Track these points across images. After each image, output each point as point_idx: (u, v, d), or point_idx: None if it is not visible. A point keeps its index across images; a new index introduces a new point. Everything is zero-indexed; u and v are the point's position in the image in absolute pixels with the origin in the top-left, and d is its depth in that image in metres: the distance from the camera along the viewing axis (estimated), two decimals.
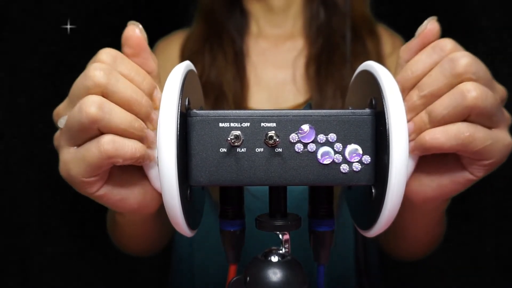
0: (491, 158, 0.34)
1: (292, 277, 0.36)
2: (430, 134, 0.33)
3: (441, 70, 0.33)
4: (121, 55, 0.35)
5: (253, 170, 0.33)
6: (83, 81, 0.33)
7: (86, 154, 0.33)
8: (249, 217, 0.40)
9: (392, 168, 0.31)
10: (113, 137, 0.32)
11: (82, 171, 0.33)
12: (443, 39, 0.35)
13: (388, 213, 0.33)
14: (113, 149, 0.32)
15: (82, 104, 0.32)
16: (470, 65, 0.33)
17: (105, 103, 0.32)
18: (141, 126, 0.33)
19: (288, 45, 0.72)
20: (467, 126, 0.33)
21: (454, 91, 0.33)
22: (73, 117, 0.32)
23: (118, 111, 0.32)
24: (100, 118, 0.32)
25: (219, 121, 0.33)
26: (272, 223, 0.37)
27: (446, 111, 0.33)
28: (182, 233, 0.35)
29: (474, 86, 0.32)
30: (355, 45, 0.69)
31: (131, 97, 0.33)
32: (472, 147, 0.33)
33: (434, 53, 0.35)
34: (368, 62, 0.37)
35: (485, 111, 0.33)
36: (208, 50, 0.71)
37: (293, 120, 0.33)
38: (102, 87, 0.32)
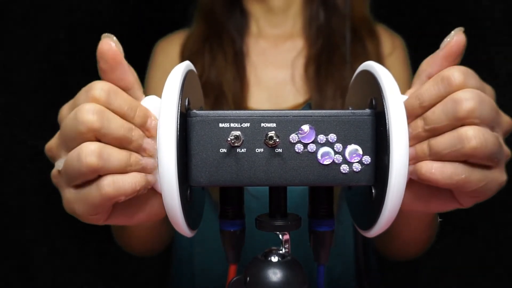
0: (483, 196, 0.34)
1: (292, 277, 0.36)
2: (426, 168, 0.33)
3: (444, 110, 0.33)
4: (114, 89, 0.33)
5: (253, 170, 0.33)
6: (76, 124, 0.32)
7: (88, 196, 0.33)
8: (249, 217, 0.40)
9: (392, 168, 0.31)
10: (112, 178, 0.32)
11: (86, 211, 0.33)
12: (454, 69, 0.33)
13: (388, 213, 0.33)
14: (114, 190, 0.32)
15: (81, 154, 0.31)
16: (474, 110, 0.32)
17: (103, 150, 0.32)
18: (136, 159, 0.33)
19: (287, 45, 0.73)
20: (463, 169, 0.32)
21: (455, 135, 0.32)
22: (72, 165, 0.32)
23: (115, 154, 0.32)
24: (101, 166, 0.31)
25: (219, 121, 0.33)
26: (272, 223, 0.37)
27: (446, 152, 0.32)
28: (182, 234, 0.35)
29: (474, 133, 0.32)
30: (354, 45, 0.69)
31: (123, 136, 0.32)
32: (466, 188, 0.33)
33: (441, 85, 0.33)
34: (368, 62, 0.37)
35: (483, 157, 0.32)
36: (208, 50, 0.71)
37: (293, 120, 0.33)
38: (96, 131, 0.32)
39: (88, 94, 0.33)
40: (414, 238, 0.60)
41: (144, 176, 0.33)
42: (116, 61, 0.34)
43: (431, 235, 0.60)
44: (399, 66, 0.71)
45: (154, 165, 0.34)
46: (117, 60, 0.34)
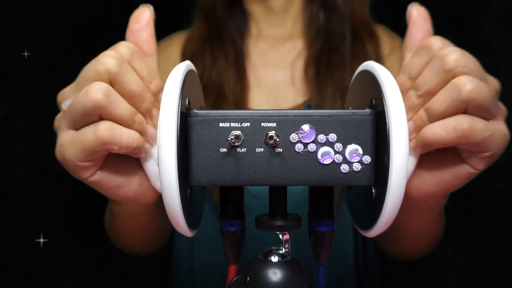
0: (490, 150, 0.34)
1: (292, 277, 0.36)
2: (429, 130, 0.33)
3: (433, 68, 0.34)
4: (139, 52, 0.35)
5: (253, 170, 0.33)
6: (95, 65, 0.33)
7: (82, 137, 0.33)
8: (249, 217, 0.40)
9: (392, 168, 0.31)
10: (111, 124, 0.33)
11: (77, 155, 0.33)
12: (431, 38, 0.36)
13: (388, 213, 0.33)
14: (110, 135, 0.32)
15: (89, 89, 0.32)
16: (460, 59, 0.33)
17: (111, 92, 0.33)
18: (140, 120, 0.34)
19: (287, 46, 0.73)
20: (465, 118, 0.33)
21: (449, 86, 0.33)
22: (78, 100, 0.33)
23: (122, 102, 0.33)
24: (105, 105, 0.32)
25: (219, 121, 0.33)
26: (272, 223, 0.37)
27: (444, 107, 0.33)
28: (182, 233, 0.35)
29: (468, 79, 0.33)
30: (354, 46, 0.69)
31: (136, 91, 0.34)
32: (472, 138, 0.33)
33: (424, 54, 0.35)
34: (368, 62, 0.37)
35: (481, 103, 0.33)
36: (209, 51, 0.71)
37: (294, 120, 0.33)
38: (112, 74, 0.33)
39: (114, 48, 0.35)
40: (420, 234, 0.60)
41: (141, 138, 0.34)
42: (147, 23, 0.37)
43: (437, 232, 0.59)
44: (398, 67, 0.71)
45: (155, 136, 0.35)
46: (149, 22, 0.37)
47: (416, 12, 0.38)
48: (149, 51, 0.38)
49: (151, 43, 0.38)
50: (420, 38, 0.38)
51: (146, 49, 0.37)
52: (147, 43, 0.38)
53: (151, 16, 0.37)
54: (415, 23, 0.38)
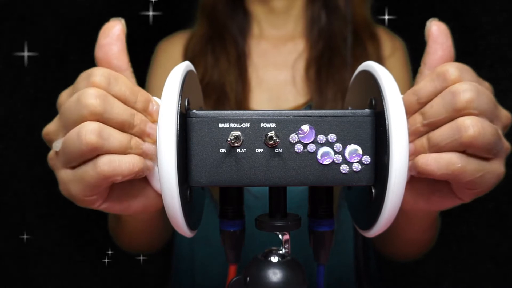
0: (479, 188, 0.34)
1: (292, 277, 0.36)
2: (423, 160, 0.33)
3: (443, 103, 0.33)
4: (115, 75, 0.34)
5: (253, 170, 0.33)
6: (79, 108, 0.32)
7: (84, 176, 0.33)
8: (249, 217, 0.40)
9: (392, 168, 0.31)
10: (109, 157, 0.32)
11: (82, 191, 0.33)
12: (449, 66, 0.34)
13: (388, 213, 0.33)
14: (110, 169, 0.32)
15: (81, 132, 0.31)
16: (472, 101, 0.32)
17: (103, 130, 0.32)
18: (137, 144, 0.33)
19: (288, 47, 0.73)
20: (459, 158, 0.32)
21: (453, 125, 0.32)
22: (71, 143, 0.32)
23: (115, 135, 0.32)
24: (100, 145, 0.32)
25: (219, 121, 0.33)
26: (272, 224, 0.37)
27: (444, 143, 0.32)
28: (182, 234, 0.35)
29: (472, 122, 0.32)
30: (355, 48, 0.69)
31: (126, 121, 0.33)
32: (462, 178, 0.33)
33: (438, 81, 0.34)
34: (367, 62, 0.37)
35: (481, 147, 0.32)
36: (211, 51, 0.71)
37: (293, 120, 0.33)
38: (98, 115, 0.32)
39: (88, 80, 0.33)
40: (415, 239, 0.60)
41: (142, 159, 0.34)
42: (117, 37, 0.35)
43: (432, 237, 0.60)
44: (399, 68, 0.71)
45: (154, 151, 0.34)
46: (119, 36, 0.35)
47: (436, 28, 0.36)
48: (121, 66, 0.36)
49: (122, 57, 0.36)
50: (441, 56, 0.36)
51: (117, 65, 0.36)
52: (118, 58, 0.35)
53: (122, 29, 0.36)
54: (436, 40, 0.36)
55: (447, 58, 0.36)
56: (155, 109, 0.34)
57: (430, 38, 0.36)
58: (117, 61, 0.35)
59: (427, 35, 0.37)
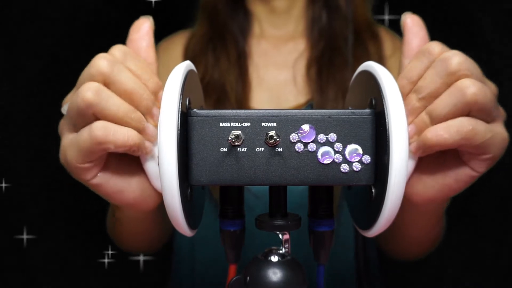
0: (491, 152, 0.34)
1: (292, 277, 0.36)
2: (432, 132, 0.33)
3: (435, 72, 0.34)
4: (132, 53, 0.36)
5: (253, 169, 0.33)
6: (88, 69, 0.34)
7: (79, 139, 0.33)
8: (250, 216, 0.40)
9: (392, 168, 0.31)
10: (105, 123, 0.33)
11: (76, 156, 0.34)
12: (430, 43, 0.36)
13: (388, 213, 0.33)
14: (104, 134, 0.32)
15: (80, 89, 0.33)
16: (463, 62, 0.33)
17: (102, 89, 0.33)
18: (138, 117, 0.34)
19: (289, 47, 0.73)
20: (468, 121, 0.33)
21: (453, 89, 0.33)
22: (72, 101, 0.33)
23: (115, 99, 0.33)
24: (96, 103, 0.32)
25: (220, 120, 0.33)
26: (272, 223, 0.37)
27: (447, 109, 0.33)
28: (182, 233, 0.35)
29: (472, 82, 0.33)
30: (356, 48, 0.69)
31: (133, 89, 0.34)
32: (474, 140, 0.33)
33: (424, 58, 0.35)
34: (368, 62, 0.37)
35: (484, 106, 0.33)
36: (211, 51, 0.71)
37: (294, 120, 0.33)
38: (105, 75, 0.33)
39: (108, 52, 0.35)
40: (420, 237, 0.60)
41: (139, 136, 0.34)
42: (146, 32, 0.38)
43: (437, 235, 0.60)
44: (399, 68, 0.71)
45: (155, 135, 0.35)
46: (148, 32, 0.38)
47: (410, 20, 0.39)
48: (148, 59, 0.38)
49: (150, 52, 0.38)
50: (417, 44, 0.39)
51: (145, 57, 0.38)
52: (146, 52, 0.38)
53: (150, 26, 0.38)
54: (411, 30, 0.39)
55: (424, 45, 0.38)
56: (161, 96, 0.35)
57: (405, 29, 0.39)
58: (145, 54, 0.38)
59: (403, 27, 0.39)
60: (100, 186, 0.36)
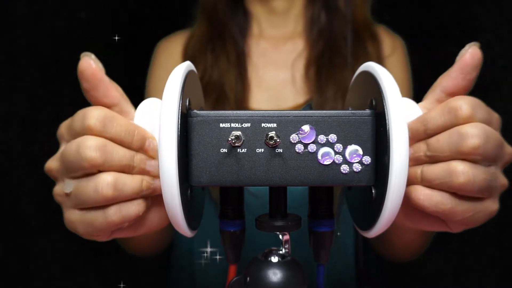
0: (470, 225, 0.35)
1: (292, 277, 0.36)
2: (416, 193, 0.33)
3: (449, 141, 0.32)
4: (109, 116, 0.33)
5: (253, 170, 0.33)
6: (79, 160, 0.32)
7: (93, 221, 0.33)
8: (250, 216, 0.40)
9: (393, 168, 0.31)
10: (118, 207, 0.33)
11: (89, 233, 0.34)
12: (463, 101, 0.33)
13: (388, 213, 0.33)
14: (120, 218, 0.33)
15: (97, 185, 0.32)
16: (478, 147, 0.31)
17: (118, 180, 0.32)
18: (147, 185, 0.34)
19: (288, 46, 0.73)
20: (450, 199, 0.33)
21: (445, 167, 0.32)
22: (86, 193, 0.33)
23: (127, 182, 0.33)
24: (116, 196, 0.32)
25: (220, 121, 0.33)
26: (272, 224, 0.37)
27: (435, 182, 0.33)
28: (183, 234, 0.35)
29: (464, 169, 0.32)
30: (356, 48, 0.69)
31: (126, 165, 0.33)
32: (452, 217, 0.33)
33: (448, 116, 0.33)
34: (368, 63, 0.37)
35: (471, 192, 0.32)
36: (211, 51, 0.71)
37: (294, 120, 0.33)
38: (99, 167, 0.32)
39: (83, 123, 0.33)
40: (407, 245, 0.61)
41: (145, 200, 0.34)
42: (96, 79, 0.35)
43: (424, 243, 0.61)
44: (399, 67, 0.71)
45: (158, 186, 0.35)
46: (97, 77, 0.35)
47: (469, 56, 0.35)
48: (113, 101, 0.36)
49: (111, 93, 0.35)
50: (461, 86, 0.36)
51: (108, 102, 0.35)
52: (107, 96, 0.35)
53: (96, 67, 0.35)
54: (462, 69, 0.35)
55: (464, 89, 0.36)
56: (151, 146, 0.35)
57: (458, 63, 0.35)
58: (107, 99, 0.35)
59: (458, 58, 0.36)
60: (116, 235, 0.37)
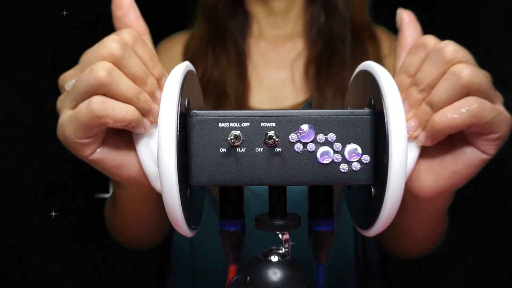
0: (499, 131, 0.34)
1: (292, 277, 0.36)
2: (440, 115, 0.34)
3: (432, 62, 0.35)
4: (141, 39, 0.36)
5: (252, 170, 0.33)
6: (99, 49, 0.34)
7: (77, 113, 0.33)
8: (250, 215, 0.40)
9: (392, 167, 0.31)
10: (103, 97, 0.33)
11: (74, 132, 0.34)
12: (424, 36, 0.37)
13: (388, 212, 0.33)
14: (102, 109, 0.33)
15: (94, 67, 0.33)
16: (457, 50, 0.35)
17: (115, 70, 0.33)
18: (146, 99, 0.35)
19: (287, 46, 0.73)
20: (474, 99, 0.34)
21: (448, 75, 0.34)
22: (82, 79, 0.33)
23: (125, 81, 0.34)
24: (108, 83, 0.33)
25: (219, 121, 0.33)
26: (272, 223, 0.37)
27: (446, 95, 0.34)
28: (182, 233, 0.35)
29: (465, 65, 0.34)
30: (355, 48, 0.69)
31: (139, 74, 0.35)
32: (483, 117, 0.33)
33: (419, 51, 0.36)
34: (367, 62, 0.37)
35: (481, 87, 0.34)
36: (211, 51, 0.71)
37: (293, 120, 0.33)
38: (116, 58, 0.34)
39: (118, 33, 0.35)
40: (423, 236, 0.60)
41: (138, 112, 0.34)
42: (129, 5, 0.38)
43: (440, 234, 0.60)
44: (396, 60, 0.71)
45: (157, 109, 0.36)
46: (131, 4, 0.38)
47: (407, 16, 0.41)
48: (140, 31, 0.39)
49: (140, 22, 0.39)
50: (413, 37, 0.40)
51: (137, 30, 0.38)
52: (136, 24, 0.39)
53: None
54: (408, 25, 0.40)
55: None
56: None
57: (403, 24, 0.40)
58: (136, 27, 0.38)
59: (400, 22, 0.41)
60: (99, 161, 0.36)
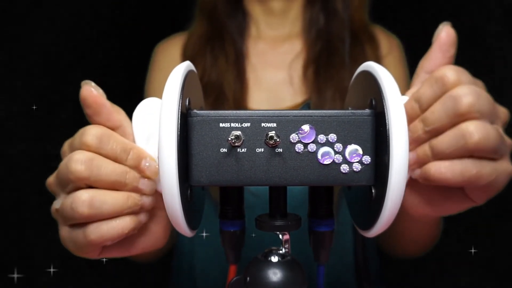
0: (494, 189, 0.34)
1: (292, 277, 0.36)
2: (435, 168, 0.33)
3: (444, 109, 0.33)
4: (107, 134, 0.34)
5: (253, 170, 0.33)
6: (67, 173, 0.33)
7: (75, 240, 0.34)
8: (249, 215, 0.40)
9: (392, 168, 0.31)
10: (97, 225, 0.33)
11: (76, 250, 0.35)
12: (446, 69, 0.34)
13: (388, 213, 0.33)
14: (98, 237, 0.33)
15: (73, 203, 0.33)
16: (473, 104, 0.32)
17: (95, 198, 0.33)
18: (134, 201, 0.34)
19: (286, 47, 0.73)
20: (473, 164, 0.32)
21: (457, 132, 0.32)
22: (67, 210, 0.33)
23: (109, 200, 0.33)
24: (93, 215, 0.33)
25: (220, 121, 0.33)
26: (272, 223, 0.37)
27: (449, 150, 0.33)
28: (183, 234, 0.35)
29: (476, 127, 0.32)
30: (354, 49, 0.69)
31: (116, 181, 0.34)
32: (478, 183, 0.33)
33: (436, 86, 0.34)
34: (368, 63, 0.37)
35: (487, 150, 0.32)
36: (210, 51, 0.71)
37: (294, 120, 0.33)
38: (85, 180, 0.33)
39: (81, 139, 0.34)
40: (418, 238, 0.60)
41: (133, 219, 0.34)
42: (98, 105, 0.35)
43: (436, 235, 0.60)
44: (396, 66, 0.71)
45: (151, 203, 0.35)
46: (99, 103, 0.35)
47: (445, 34, 0.37)
48: (115, 125, 0.36)
49: (113, 117, 0.36)
50: (438, 64, 0.37)
51: (111, 126, 0.36)
52: (109, 120, 0.36)
53: (98, 94, 0.35)
54: (440, 47, 0.36)
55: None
56: (147, 165, 0.35)
57: (436, 43, 0.37)
58: (110, 122, 0.36)
59: (435, 38, 0.37)
60: (107, 255, 0.37)
